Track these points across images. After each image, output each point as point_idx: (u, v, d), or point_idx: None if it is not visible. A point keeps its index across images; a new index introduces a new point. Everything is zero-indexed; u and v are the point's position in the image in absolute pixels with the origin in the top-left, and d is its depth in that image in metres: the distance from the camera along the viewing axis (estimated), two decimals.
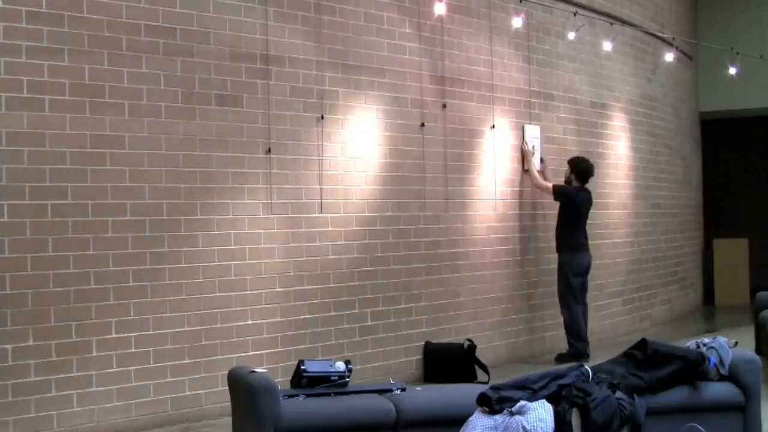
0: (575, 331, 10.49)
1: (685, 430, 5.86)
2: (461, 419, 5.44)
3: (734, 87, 15.15)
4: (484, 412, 5.39)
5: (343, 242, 8.77)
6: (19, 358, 6.70)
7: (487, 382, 7.97)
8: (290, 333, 8.32)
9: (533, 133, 10.98)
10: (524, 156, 10.70)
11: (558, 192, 10.64)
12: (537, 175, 10.68)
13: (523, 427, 5.26)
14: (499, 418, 5.33)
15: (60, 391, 6.89)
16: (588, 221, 10.87)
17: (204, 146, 7.73)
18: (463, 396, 5.82)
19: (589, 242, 10.81)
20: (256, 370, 5.82)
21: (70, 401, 6.94)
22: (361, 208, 8.96)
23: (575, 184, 10.71)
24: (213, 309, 7.78)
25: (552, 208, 11.33)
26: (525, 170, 10.79)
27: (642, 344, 6.28)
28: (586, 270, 10.71)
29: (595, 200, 12.34)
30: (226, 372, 6.34)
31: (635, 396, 5.90)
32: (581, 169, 10.65)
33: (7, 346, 6.66)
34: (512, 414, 5.35)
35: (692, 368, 6.07)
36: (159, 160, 7.48)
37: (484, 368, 9.11)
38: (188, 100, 7.66)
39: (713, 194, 18.13)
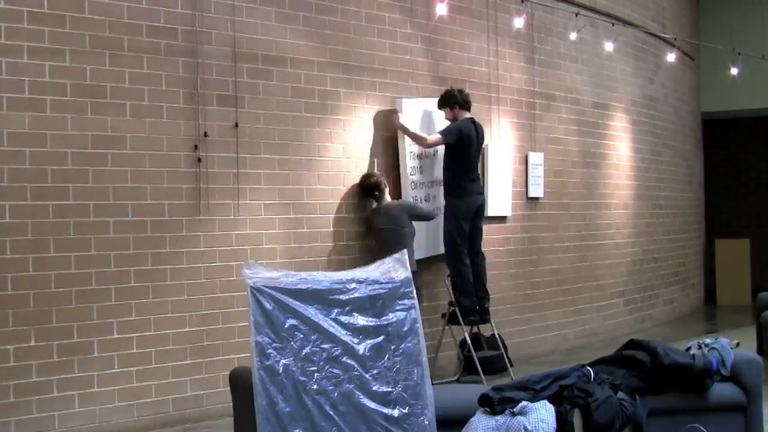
0: (462, 286, 9.14)
1: (686, 430, 5.86)
2: (463, 420, 5.44)
3: (736, 87, 15.15)
4: (485, 412, 5.38)
5: (344, 243, 8.77)
6: (20, 358, 6.71)
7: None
8: None
9: (536, 160, 10.82)
10: (403, 130, 9.08)
11: (445, 133, 9.05)
12: (420, 134, 9.06)
13: (525, 428, 5.25)
14: (500, 418, 5.33)
15: (61, 392, 6.89)
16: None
17: (205, 147, 7.73)
18: (464, 396, 5.81)
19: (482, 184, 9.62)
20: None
21: (72, 402, 6.95)
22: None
23: (458, 113, 9.18)
24: (215, 309, 7.79)
25: (555, 209, 11.34)
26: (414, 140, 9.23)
27: (641, 346, 6.28)
28: (476, 214, 9.28)
29: (596, 201, 12.36)
30: (228, 372, 6.33)
31: (637, 396, 5.89)
32: (462, 98, 9.18)
33: (9, 346, 6.67)
34: (514, 414, 5.34)
35: (695, 381, 6.06)
36: (160, 160, 7.48)
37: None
38: (190, 100, 7.67)
39: (715, 194, 18.14)
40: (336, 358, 5.13)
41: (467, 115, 9.22)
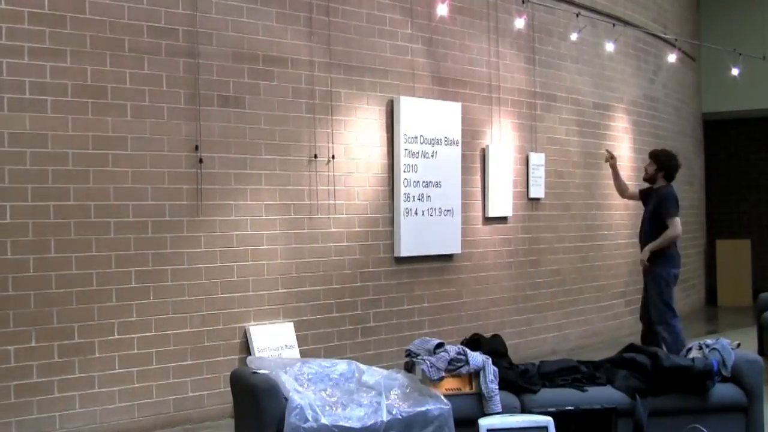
0: (675, 345, 8.62)
1: (687, 431, 5.86)
2: (463, 420, 5.45)
3: (736, 88, 15.14)
4: None
5: (345, 243, 8.77)
6: (21, 359, 6.71)
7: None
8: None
9: (537, 161, 10.94)
10: (657, 246, 9.26)
11: (673, 210, 9.25)
12: (667, 239, 9.23)
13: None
14: None
15: (62, 393, 6.89)
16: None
17: (206, 147, 7.73)
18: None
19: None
20: (258, 371, 5.81)
21: (73, 402, 6.95)
22: (363, 209, 8.96)
23: (661, 183, 9.39)
24: (215, 310, 7.79)
25: (556, 210, 11.33)
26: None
27: (641, 349, 6.29)
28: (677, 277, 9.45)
29: (597, 201, 12.38)
30: (229, 373, 6.34)
31: (637, 396, 5.89)
32: (670, 167, 9.33)
33: (10, 347, 6.67)
34: None
35: (696, 382, 6.06)
36: (161, 161, 7.48)
37: None
38: (190, 101, 7.67)
39: (715, 195, 18.13)
40: None
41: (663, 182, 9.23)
